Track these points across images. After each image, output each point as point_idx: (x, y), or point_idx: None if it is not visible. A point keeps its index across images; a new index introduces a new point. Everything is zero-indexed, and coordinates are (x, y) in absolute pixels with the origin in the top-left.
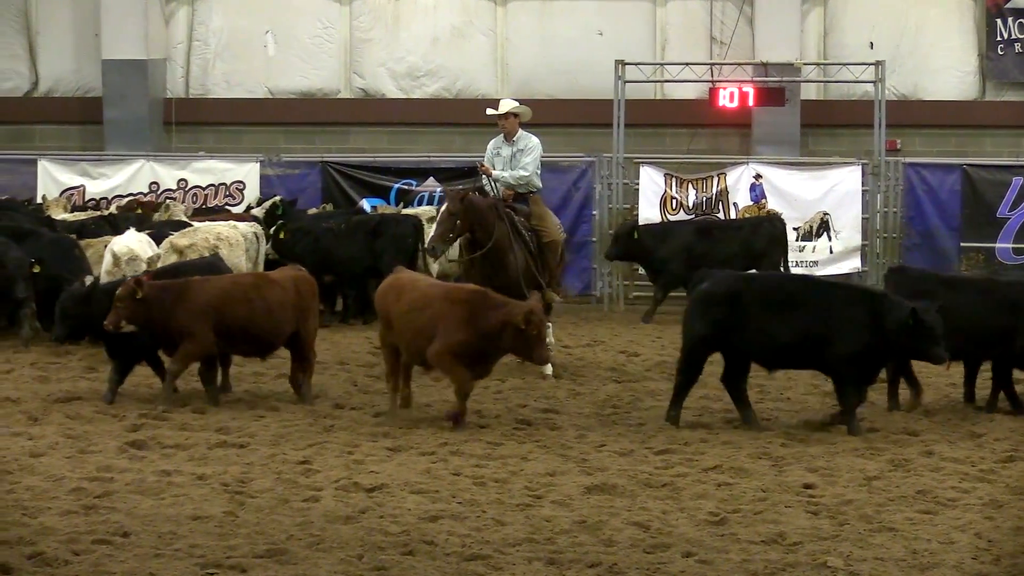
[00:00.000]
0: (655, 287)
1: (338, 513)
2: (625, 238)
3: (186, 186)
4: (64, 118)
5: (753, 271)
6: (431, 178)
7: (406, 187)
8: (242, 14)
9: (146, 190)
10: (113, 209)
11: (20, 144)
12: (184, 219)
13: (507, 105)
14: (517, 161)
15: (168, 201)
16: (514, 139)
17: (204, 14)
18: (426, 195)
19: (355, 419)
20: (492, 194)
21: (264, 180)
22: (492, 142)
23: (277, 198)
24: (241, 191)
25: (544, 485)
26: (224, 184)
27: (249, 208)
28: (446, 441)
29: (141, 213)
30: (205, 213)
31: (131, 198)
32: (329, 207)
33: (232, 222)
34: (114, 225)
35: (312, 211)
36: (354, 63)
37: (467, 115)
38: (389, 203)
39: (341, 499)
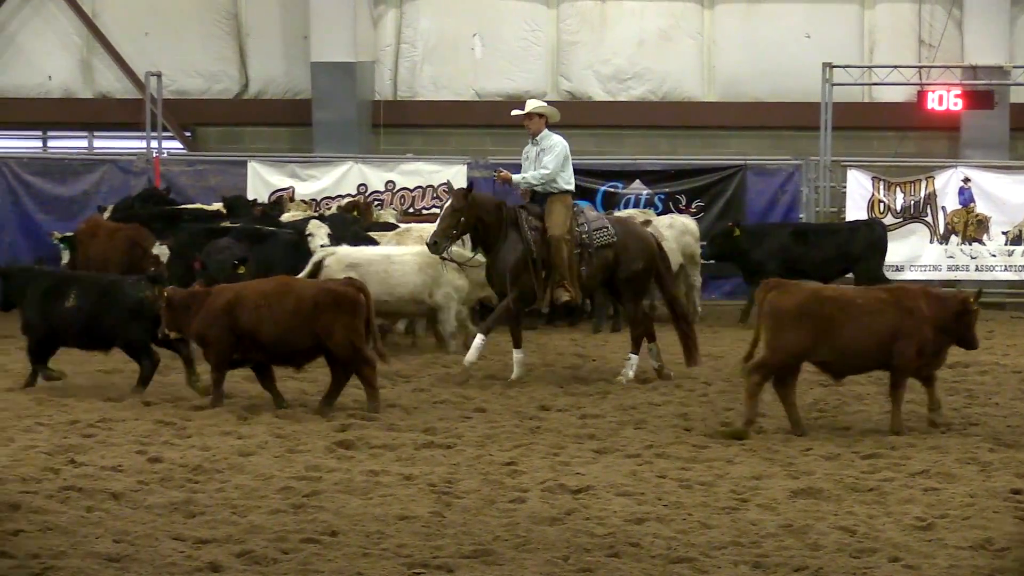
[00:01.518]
0: (751, 289)
1: (544, 514)
2: (723, 238)
3: (394, 188)
4: (274, 120)
5: None
6: (637, 181)
7: (612, 190)
8: (450, 17)
9: (354, 192)
10: (334, 209)
11: (231, 146)
12: (392, 221)
13: (531, 105)
14: (539, 161)
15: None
16: (538, 139)
17: (412, 17)
18: (632, 198)
19: (561, 421)
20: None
21: (471, 182)
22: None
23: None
24: (448, 193)
25: (750, 488)
26: (431, 186)
27: None
28: (651, 443)
29: (358, 215)
30: (412, 215)
31: (350, 199)
32: None
33: None
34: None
35: None
36: (561, 66)
37: (673, 118)
38: (595, 206)
39: (547, 500)
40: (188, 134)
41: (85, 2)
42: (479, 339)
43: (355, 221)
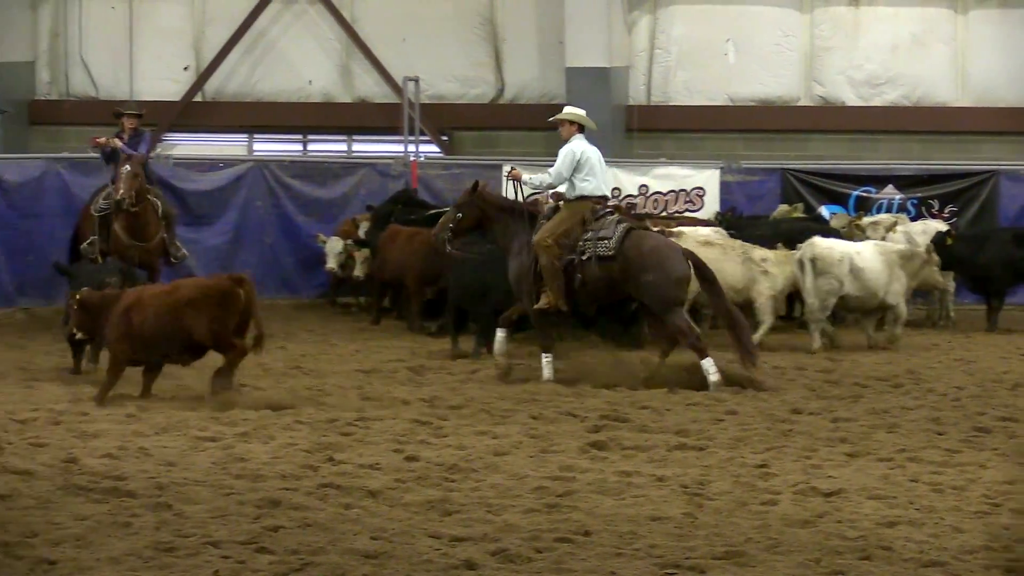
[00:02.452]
0: (990, 296)
1: (796, 517)
2: (938, 248)
3: (647, 192)
4: (529, 124)
5: None
6: (890, 186)
7: (865, 194)
8: (703, 23)
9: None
10: None
11: (486, 149)
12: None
13: (564, 112)
14: None
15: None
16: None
17: (666, 23)
18: (885, 202)
19: (813, 424)
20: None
21: (724, 186)
22: None
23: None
24: (701, 197)
25: (1003, 493)
26: (684, 190)
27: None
28: (903, 447)
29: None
30: (664, 219)
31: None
32: (788, 207)
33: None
34: None
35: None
36: (814, 71)
37: (926, 123)
38: (848, 210)
39: (799, 503)
40: (445, 138)
41: (345, 8)
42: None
43: None
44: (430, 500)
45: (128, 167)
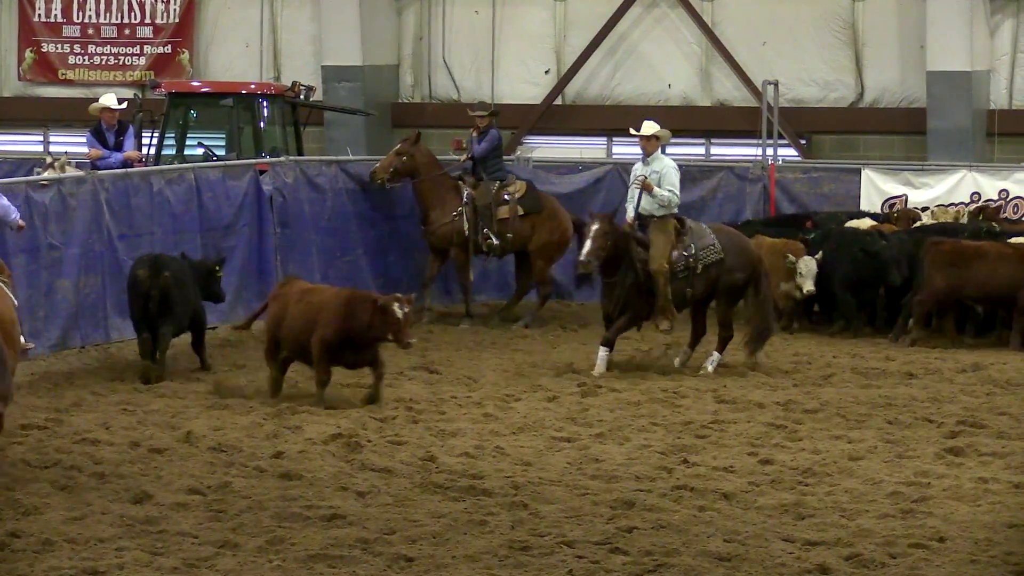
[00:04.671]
0: None
1: None
2: None
3: (1007, 196)
4: (888, 128)
5: None
6: None
7: None
8: None
9: (967, 200)
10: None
11: (845, 153)
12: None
13: (652, 128)
14: (658, 181)
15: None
16: (650, 160)
17: None
18: None
19: None
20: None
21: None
22: (637, 163)
23: None
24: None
25: None
26: None
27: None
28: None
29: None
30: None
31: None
32: None
33: None
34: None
35: None
36: None
37: None
38: None
39: None
40: (803, 141)
41: (705, 12)
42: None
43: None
44: (784, 504)
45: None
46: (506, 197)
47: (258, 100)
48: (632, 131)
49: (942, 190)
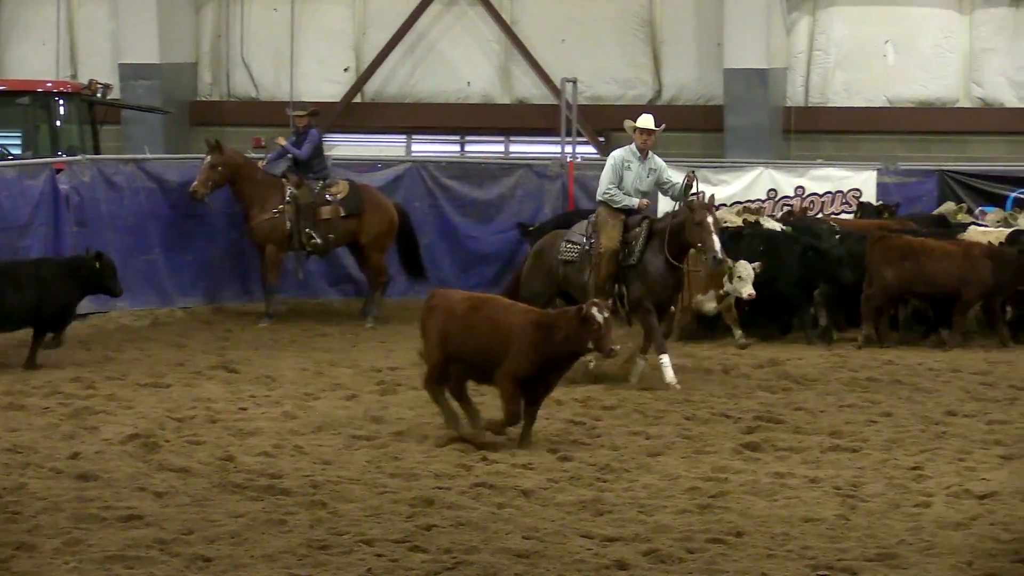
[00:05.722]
0: None
1: (949, 519)
2: None
3: (803, 193)
4: (686, 125)
5: None
6: None
7: (1022, 195)
8: (862, 24)
9: (764, 197)
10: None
11: None
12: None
13: (650, 122)
14: (656, 179)
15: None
16: (647, 157)
17: (825, 24)
18: None
19: (967, 427)
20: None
21: (881, 188)
22: (621, 153)
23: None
24: (857, 199)
25: None
26: (840, 192)
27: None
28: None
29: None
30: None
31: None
32: (954, 206)
33: None
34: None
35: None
36: (973, 72)
37: None
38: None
39: (952, 505)
40: (602, 139)
41: (504, 10)
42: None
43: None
44: (582, 500)
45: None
46: (328, 198)
47: (54, 98)
48: (632, 123)
49: (739, 187)
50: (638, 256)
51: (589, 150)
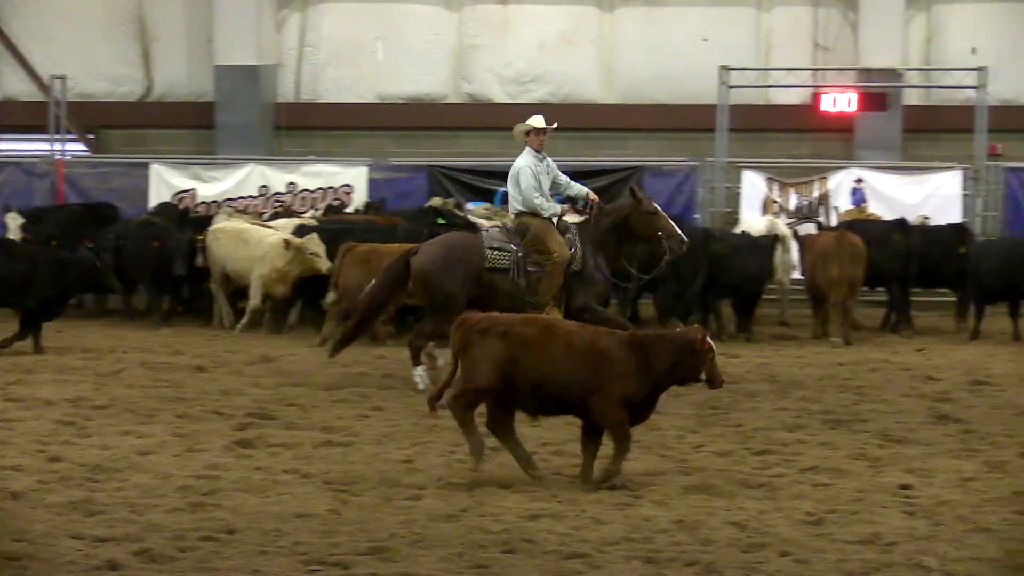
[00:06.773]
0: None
1: (440, 511)
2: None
3: (295, 189)
4: (177, 122)
5: None
6: None
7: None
8: (353, 21)
9: (255, 193)
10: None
11: (134, 148)
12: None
13: (542, 121)
14: (555, 176)
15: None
16: (544, 156)
17: (315, 20)
18: None
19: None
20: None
21: (372, 184)
22: (528, 160)
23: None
24: (349, 194)
25: (643, 485)
26: (332, 187)
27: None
28: (547, 441)
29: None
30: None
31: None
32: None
33: None
34: None
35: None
36: (462, 69)
37: (573, 120)
38: (494, 206)
39: (443, 498)
40: (92, 136)
41: None
42: None
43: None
44: (73, 501)
45: None
46: None
47: None
48: (529, 124)
49: (230, 184)
50: (580, 262)
51: (79, 147)
